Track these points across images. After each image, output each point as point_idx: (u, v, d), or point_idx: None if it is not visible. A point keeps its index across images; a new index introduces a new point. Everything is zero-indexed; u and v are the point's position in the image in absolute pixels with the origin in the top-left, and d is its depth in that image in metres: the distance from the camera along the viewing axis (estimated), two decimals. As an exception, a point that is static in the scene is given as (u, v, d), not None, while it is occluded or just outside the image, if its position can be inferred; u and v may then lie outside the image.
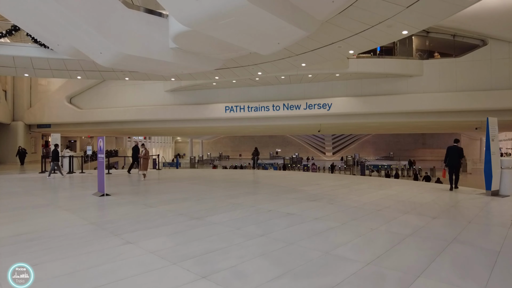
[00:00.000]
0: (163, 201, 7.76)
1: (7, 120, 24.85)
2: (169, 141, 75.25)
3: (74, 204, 7.55)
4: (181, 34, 9.49)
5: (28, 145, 25.78)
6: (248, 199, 7.94)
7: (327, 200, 7.83)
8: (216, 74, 15.97)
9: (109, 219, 5.95)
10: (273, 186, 10.85)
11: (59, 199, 8.56)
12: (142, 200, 8.00)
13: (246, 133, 38.92)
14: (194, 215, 6.15)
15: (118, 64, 11.49)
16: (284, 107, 19.98)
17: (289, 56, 13.27)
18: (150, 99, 23.24)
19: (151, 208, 6.98)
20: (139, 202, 7.74)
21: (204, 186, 10.92)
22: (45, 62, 14.96)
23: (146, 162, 12.54)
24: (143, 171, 12.53)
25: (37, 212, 6.61)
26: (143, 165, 12.48)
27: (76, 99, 25.53)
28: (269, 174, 16.37)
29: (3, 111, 24.11)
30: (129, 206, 7.33)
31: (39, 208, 6.99)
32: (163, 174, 15.89)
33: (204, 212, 6.42)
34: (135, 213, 6.46)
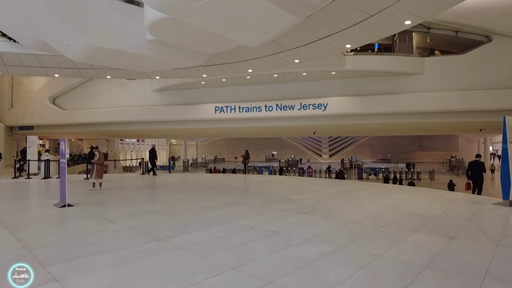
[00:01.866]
0: (129, 215, 6.60)
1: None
2: (163, 143, 73.96)
3: (22, 219, 6.39)
4: (156, 23, 8.38)
5: (9, 148, 24.49)
6: (229, 212, 6.80)
7: (322, 212, 6.70)
8: (203, 71, 14.86)
9: (50, 241, 4.78)
10: (262, 194, 9.73)
11: (9, 211, 7.36)
12: (106, 213, 6.84)
13: (238, 135, 37.71)
14: (157, 235, 5.01)
15: (90, 59, 10.36)
16: (277, 107, 18.87)
17: (281, 51, 12.20)
18: (136, 99, 22.05)
19: (111, 224, 5.82)
20: (100, 215, 6.58)
21: (184, 194, 9.77)
22: (17, 58, 13.79)
23: (101, 168, 10.45)
24: (97, 179, 10.33)
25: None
26: (97, 172, 10.23)
27: (59, 100, 24.29)
28: (261, 179, 15.23)
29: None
30: (86, 220, 6.18)
31: (-25, 225, 5.82)
32: (147, 179, 14.71)
33: (171, 231, 5.27)
34: (87, 231, 5.30)
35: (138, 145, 65.66)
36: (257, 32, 8.01)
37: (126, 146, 59.95)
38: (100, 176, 10.36)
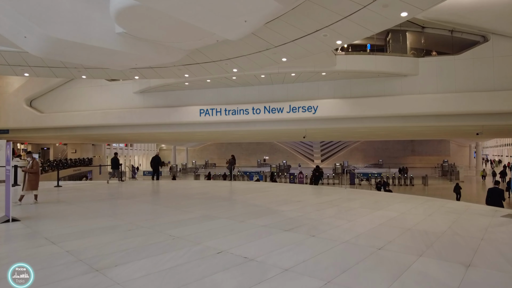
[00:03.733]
0: (79, 233, 5.52)
1: (-42, 125, 22.24)
2: (153, 148, 72.50)
3: None
4: (123, 11, 7.38)
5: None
6: (199, 229, 5.75)
7: (308, 229, 5.69)
8: (185, 71, 13.83)
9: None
10: (244, 204, 8.70)
11: None
12: (52, 230, 5.72)
13: (226, 139, 36.61)
14: (99, 263, 3.94)
15: (52, 53, 9.25)
16: (266, 110, 17.89)
17: (266, 48, 11.23)
18: (117, 101, 20.84)
19: (50, 246, 4.74)
20: (44, 233, 5.47)
21: (156, 205, 8.69)
22: (-23, 55, 12.56)
23: (35, 178, 8.47)
24: (31, 190, 8.46)
25: None
26: (29, 183, 8.35)
27: (37, 102, 22.98)
28: (247, 186, 14.20)
29: (-47, 115, 21.53)
30: (22, 241, 5.10)
31: None
32: (123, 186, 13.56)
33: (119, 256, 4.21)
34: (12, 258, 4.20)
35: (126, 150, 63.99)
36: (235, 21, 7.05)
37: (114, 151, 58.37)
38: (33, 187, 8.43)
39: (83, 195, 10.69)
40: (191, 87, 19.34)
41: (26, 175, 8.49)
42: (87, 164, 36.94)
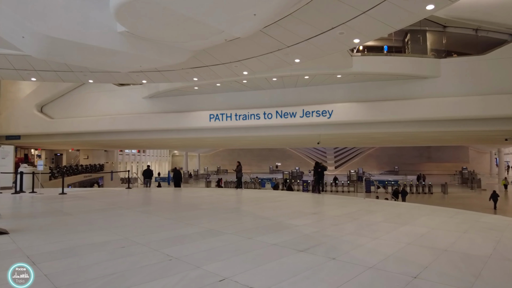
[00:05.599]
0: (63, 250, 4.88)
1: (-30, 131, 22.28)
2: (166, 154, 72.57)
3: None
4: (123, 7, 6.79)
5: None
6: (200, 247, 5.04)
7: (326, 249, 4.90)
8: (193, 74, 13.26)
9: None
10: (253, 217, 7.95)
11: None
12: (37, 246, 5.09)
13: (236, 145, 35.85)
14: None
15: (51, 54, 8.79)
16: (277, 114, 17.15)
17: (278, 48, 10.55)
18: (126, 107, 20.48)
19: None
20: (27, 249, 4.83)
21: (158, 217, 8.02)
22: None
23: None
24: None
25: None
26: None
27: (47, 108, 22.86)
28: (257, 195, 13.43)
29: (-35, 121, 21.57)
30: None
31: None
32: (130, 194, 13.02)
33: (99, 284, 3.53)
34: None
35: (139, 156, 64.02)
36: (243, 14, 6.40)
37: (126, 157, 58.34)
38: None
39: (84, 204, 10.16)
40: (201, 92, 18.80)
41: None
42: (98, 171, 36.86)
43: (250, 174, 42.57)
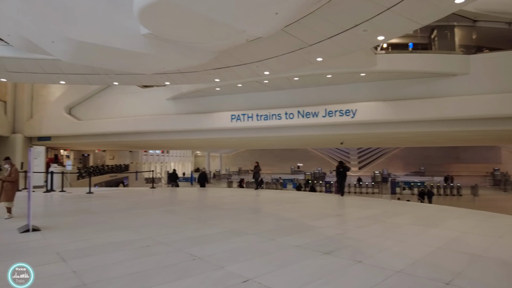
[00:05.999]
0: (92, 248, 4.99)
1: (6, 133, 23.36)
2: (189, 155, 73.61)
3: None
4: (146, 9, 6.89)
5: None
6: (223, 247, 5.02)
7: (351, 252, 4.77)
8: (214, 75, 13.32)
9: None
10: (275, 218, 7.86)
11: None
12: (67, 244, 5.23)
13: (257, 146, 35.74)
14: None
15: (78, 57, 9.08)
16: (299, 114, 16.96)
17: (300, 47, 10.39)
18: (150, 108, 20.88)
19: (58, 264, 4.21)
20: (57, 247, 4.98)
21: (180, 216, 8.10)
22: (18, 64, 12.89)
23: (12, 187, 7.38)
24: (6, 202, 7.33)
25: None
26: (5, 193, 7.25)
27: (75, 110, 23.68)
28: (278, 196, 13.34)
29: (1, 123, 22.65)
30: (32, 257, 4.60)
31: None
32: (154, 194, 13.26)
33: (124, 283, 3.57)
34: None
35: (163, 157, 65.23)
36: (265, 12, 6.34)
37: (151, 157, 59.54)
38: (9, 198, 7.29)
39: (110, 203, 10.41)
40: (222, 93, 18.90)
41: (3, 184, 7.37)
42: (123, 171, 37.81)
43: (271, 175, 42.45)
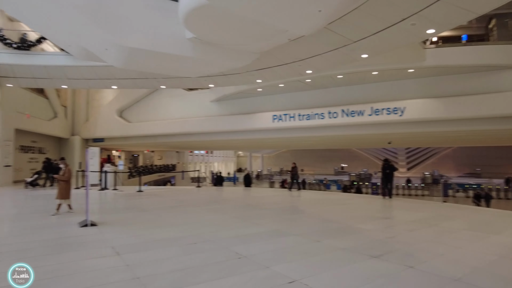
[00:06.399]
0: (144, 243, 5.25)
1: (66, 135, 25.37)
2: (231, 155, 74.89)
3: (29, 241, 5.38)
4: (192, 13, 7.13)
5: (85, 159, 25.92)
6: (268, 247, 5.04)
7: (401, 256, 4.54)
8: (256, 75, 13.45)
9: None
10: (319, 220, 7.72)
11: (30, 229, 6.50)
12: (121, 238, 5.56)
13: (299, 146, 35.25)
14: (153, 284, 3.49)
15: (129, 63, 9.61)
16: (343, 113, 16.51)
17: (343, 44, 10.15)
18: (195, 110, 21.60)
19: (113, 257, 4.49)
20: (112, 241, 5.31)
21: (224, 215, 8.25)
22: (77, 71, 13.97)
23: (65, 186, 7.96)
24: (63, 199, 7.97)
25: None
26: (60, 191, 7.89)
27: (126, 113, 25.13)
28: (323, 197, 13.11)
29: (62, 126, 24.63)
30: (90, 249, 4.94)
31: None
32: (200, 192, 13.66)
33: (175, 277, 3.71)
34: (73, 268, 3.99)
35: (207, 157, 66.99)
36: (308, 11, 6.27)
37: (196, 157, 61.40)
38: (63, 196, 7.91)
39: (158, 201, 10.88)
40: (264, 93, 19.00)
41: (59, 182, 8.02)
42: (170, 170, 39.36)
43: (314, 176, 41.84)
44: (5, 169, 15.66)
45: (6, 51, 13.64)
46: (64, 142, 25.44)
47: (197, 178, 15.03)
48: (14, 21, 15.82)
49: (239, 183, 38.38)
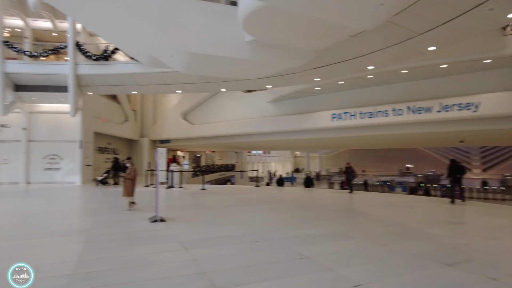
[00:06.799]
0: (208, 240, 5.50)
1: (136, 137, 27.57)
2: (288, 155, 74.79)
3: (108, 233, 5.98)
4: (250, 17, 7.30)
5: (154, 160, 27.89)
6: (329, 249, 4.95)
7: (481, 266, 4.14)
8: (314, 74, 13.25)
9: (92, 271, 3.96)
10: (384, 222, 7.37)
11: (107, 222, 7.20)
12: (187, 234, 5.89)
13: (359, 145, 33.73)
14: (220, 279, 3.65)
15: (192, 68, 10.13)
16: (409, 110, 15.48)
17: (408, 37, 9.55)
18: (253, 111, 22.05)
19: (181, 252, 4.77)
20: (180, 236, 5.65)
21: (283, 215, 8.26)
22: (145, 78, 15.10)
23: (131, 184, 8.45)
24: (128, 196, 8.49)
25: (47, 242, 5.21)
26: (125, 189, 8.43)
27: (189, 115, 26.53)
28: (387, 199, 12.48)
29: (132, 129, 26.79)
30: (158, 244, 5.32)
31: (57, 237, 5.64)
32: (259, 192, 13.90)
33: (239, 273, 3.84)
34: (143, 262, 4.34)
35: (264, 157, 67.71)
36: (369, 5, 6.03)
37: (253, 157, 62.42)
38: (128, 193, 8.41)
39: (220, 199, 11.30)
40: (322, 92, 18.65)
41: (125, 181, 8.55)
42: (230, 170, 40.59)
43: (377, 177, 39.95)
44: (86, 168, 17.48)
45: (87, 62, 15.25)
46: (134, 144, 27.63)
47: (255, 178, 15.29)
48: (93, 36, 17.64)
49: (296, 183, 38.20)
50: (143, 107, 28.77)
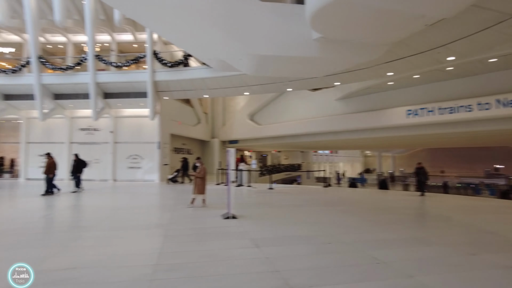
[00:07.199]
0: (280, 238, 5.57)
1: (208, 138, 29.08)
2: (358, 155, 71.88)
3: (185, 228, 6.41)
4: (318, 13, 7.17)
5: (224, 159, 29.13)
6: (408, 255, 4.65)
7: None
8: (387, 68, 12.53)
9: (173, 263, 4.27)
10: (469, 228, 6.66)
11: (189, 217, 7.72)
12: (258, 232, 6.03)
13: (438, 144, 30.62)
14: (294, 279, 3.69)
15: (260, 70, 10.31)
16: (498, 104, 13.69)
17: (499, 21, 8.53)
18: (320, 110, 21.61)
19: (253, 249, 4.91)
20: (251, 234, 5.81)
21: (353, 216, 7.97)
22: (215, 81, 15.83)
23: (201, 182, 8.97)
24: (198, 194, 9.01)
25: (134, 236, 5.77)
26: (197, 187, 8.95)
27: (256, 116, 27.08)
28: (471, 203, 11.28)
29: (204, 130, 28.30)
30: (232, 240, 5.53)
31: (141, 230, 6.20)
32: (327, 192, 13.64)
33: (311, 275, 3.82)
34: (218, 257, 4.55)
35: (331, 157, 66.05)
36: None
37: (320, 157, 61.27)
38: (199, 191, 8.97)
39: (288, 199, 11.32)
40: (395, 87, 17.51)
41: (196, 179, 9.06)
42: (296, 170, 40.44)
43: (459, 178, 36.26)
44: (163, 167, 18.93)
45: (163, 69, 16.53)
46: (206, 144, 29.13)
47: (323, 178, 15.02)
48: (167, 44, 19.03)
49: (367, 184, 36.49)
50: (213, 109, 30.23)
